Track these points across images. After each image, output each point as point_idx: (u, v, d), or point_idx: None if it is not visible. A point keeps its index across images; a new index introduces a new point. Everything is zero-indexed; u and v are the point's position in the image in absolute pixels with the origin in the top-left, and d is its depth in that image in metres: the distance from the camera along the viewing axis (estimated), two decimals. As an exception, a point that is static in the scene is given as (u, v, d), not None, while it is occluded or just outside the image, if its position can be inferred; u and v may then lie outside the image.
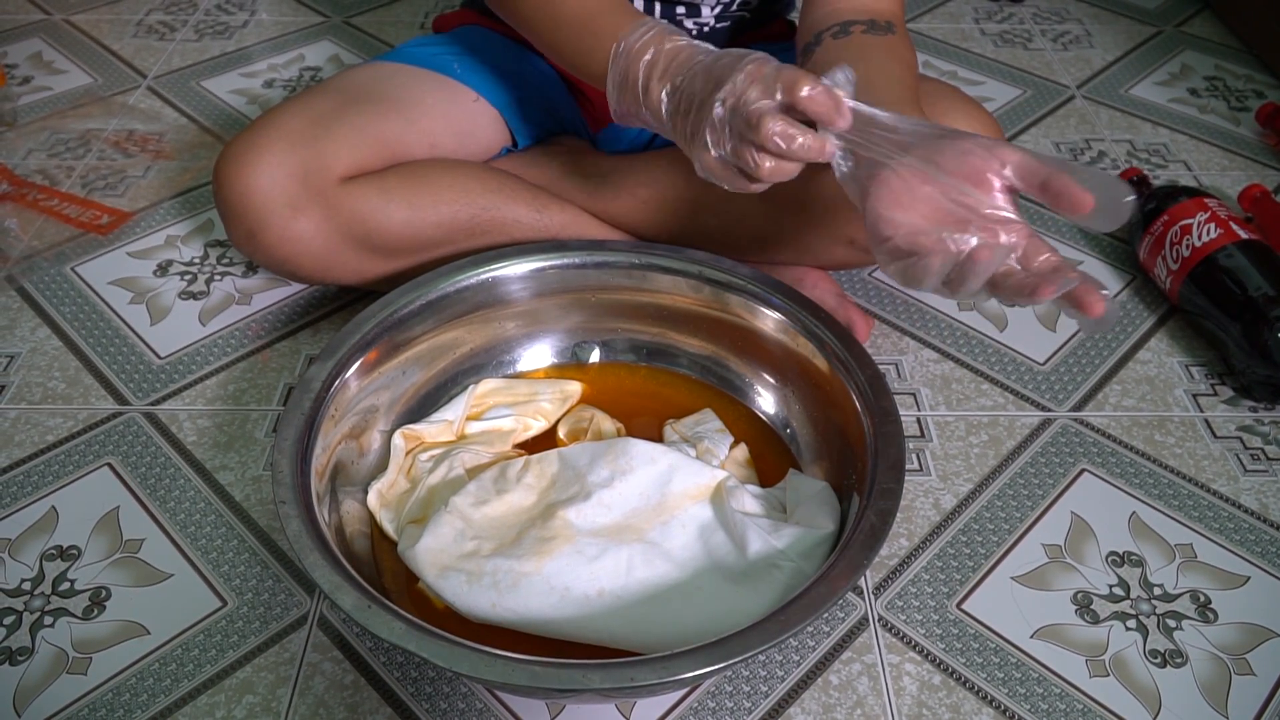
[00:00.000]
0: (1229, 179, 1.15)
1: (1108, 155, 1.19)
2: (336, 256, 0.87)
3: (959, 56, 1.39)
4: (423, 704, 0.67)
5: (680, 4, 0.89)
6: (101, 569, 0.75)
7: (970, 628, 0.71)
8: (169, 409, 0.88)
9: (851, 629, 0.71)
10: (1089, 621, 0.72)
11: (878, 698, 0.67)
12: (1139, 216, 0.99)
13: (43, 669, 0.68)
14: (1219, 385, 0.90)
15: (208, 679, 0.68)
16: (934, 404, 0.88)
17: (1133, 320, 0.97)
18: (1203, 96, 1.30)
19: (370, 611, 0.57)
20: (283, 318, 0.97)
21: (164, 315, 0.97)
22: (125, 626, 0.71)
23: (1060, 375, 0.91)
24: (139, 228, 1.08)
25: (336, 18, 1.49)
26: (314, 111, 0.86)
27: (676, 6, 0.89)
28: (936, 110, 0.82)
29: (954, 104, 0.83)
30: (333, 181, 0.84)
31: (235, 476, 0.82)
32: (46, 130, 1.23)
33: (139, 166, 1.17)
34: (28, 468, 0.82)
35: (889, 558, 0.76)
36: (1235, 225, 0.92)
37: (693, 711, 0.67)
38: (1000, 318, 0.97)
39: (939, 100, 0.83)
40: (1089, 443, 0.85)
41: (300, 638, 0.71)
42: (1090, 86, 1.33)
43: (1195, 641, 0.71)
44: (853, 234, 0.86)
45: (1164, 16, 1.49)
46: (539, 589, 0.65)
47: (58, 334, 0.95)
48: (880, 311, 0.97)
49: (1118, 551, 0.76)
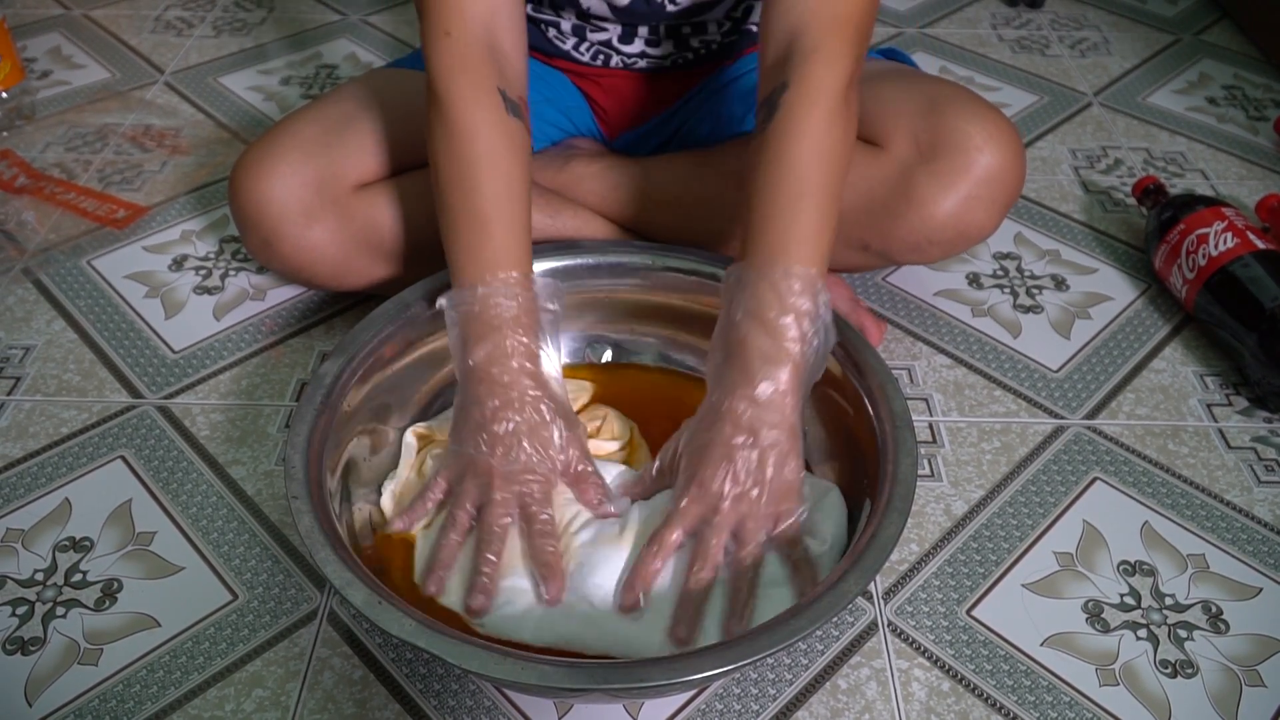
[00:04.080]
0: (1246, 188, 1.14)
1: (1124, 163, 1.19)
2: (351, 264, 0.87)
3: (976, 62, 1.39)
4: (431, 701, 0.67)
5: (687, 25, 0.89)
6: (113, 561, 0.75)
7: (980, 634, 0.71)
8: (182, 403, 0.88)
9: (861, 633, 0.71)
10: (1099, 630, 0.71)
11: (886, 703, 0.67)
12: (1155, 225, 0.99)
13: (54, 659, 0.69)
14: (1234, 395, 0.90)
15: (218, 672, 0.68)
16: (946, 409, 0.88)
17: (1147, 329, 0.96)
18: (1221, 105, 1.29)
19: (380, 608, 0.57)
20: (296, 314, 0.97)
21: (178, 310, 0.97)
22: (136, 618, 0.71)
23: (1074, 383, 0.91)
24: (154, 222, 1.08)
25: (354, 16, 1.50)
26: (328, 119, 0.87)
27: (683, 27, 0.89)
28: (951, 113, 0.82)
29: (970, 108, 0.83)
30: (347, 190, 0.85)
31: (247, 471, 0.82)
32: (64, 124, 1.23)
33: (155, 161, 1.17)
34: (42, 459, 0.83)
35: (899, 563, 0.76)
36: (1252, 235, 0.91)
37: (701, 713, 0.67)
38: (1014, 324, 0.96)
39: (954, 104, 0.83)
40: (1102, 451, 0.84)
41: (310, 633, 0.71)
42: (1107, 94, 1.32)
43: (1206, 652, 0.70)
44: (866, 239, 0.86)
45: (1182, 24, 1.48)
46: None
47: (73, 327, 0.95)
48: (894, 316, 0.97)
49: (1129, 561, 0.76)
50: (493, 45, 0.74)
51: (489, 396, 0.68)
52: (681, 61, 0.93)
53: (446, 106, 0.72)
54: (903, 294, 1.00)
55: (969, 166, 0.81)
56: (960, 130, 0.81)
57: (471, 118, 0.72)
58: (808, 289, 0.66)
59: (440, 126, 0.73)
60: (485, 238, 0.71)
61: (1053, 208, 1.12)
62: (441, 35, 0.73)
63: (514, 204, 0.72)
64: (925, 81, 0.88)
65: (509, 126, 0.73)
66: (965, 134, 0.81)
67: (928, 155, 0.82)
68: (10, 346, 0.93)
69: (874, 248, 0.87)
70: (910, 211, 0.83)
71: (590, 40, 0.91)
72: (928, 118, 0.82)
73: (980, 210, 0.83)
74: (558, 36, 0.92)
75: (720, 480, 0.65)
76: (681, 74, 0.95)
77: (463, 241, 0.71)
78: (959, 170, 0.81)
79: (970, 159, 0.81)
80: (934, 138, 0.82)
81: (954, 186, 0.82)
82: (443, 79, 0.73)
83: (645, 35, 0.90)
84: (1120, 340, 0.95)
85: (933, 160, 0.82)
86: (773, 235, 0.68)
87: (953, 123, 0.81)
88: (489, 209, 0.71)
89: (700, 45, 0.92)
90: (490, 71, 0.73)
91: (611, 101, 0.97)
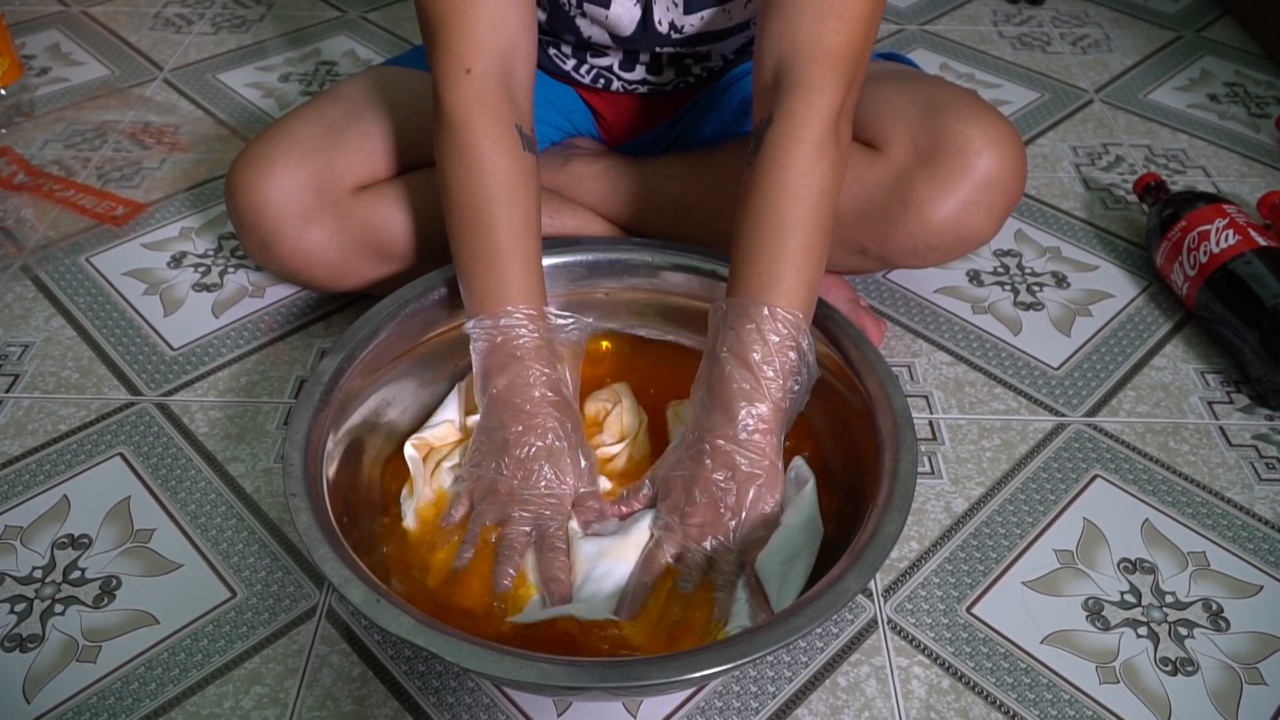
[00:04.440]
0: (1248, 186, 1.14)
1: (1125, 160, 1.18)
2: (349, 265, 0.87)
3: (977, 59, 1.39)
4: (430, 698, 0.67)
5: (689, 56, 0.89)
6: (112, 558, 0.75)
7: (980, 632, 0.71)
8: (181, 400, 0.88)
9: (860, 631, 0.71)
10: (1100, 628, 0.71)
11: (886, 700, 0.67)
12: (1156, 222, 0.98)
13: (53, 657, 0.69)
14: (1234, 393, 0.89)
15: (216, 669, 0.68)
16: (946, 407, 0.88)
17: (1148, 326, 0.96)
18: (1222, 102, 1.29)
19: (379, 605, 0.57)
20: (295, 311, 0.97)
21: (177, 307, 0.97)
22: (135, 616, 0.71)
23: (1074, 380, 0.90)
24: (153, 219, 1.08)
25: (353, 12, 1.50)
26: (327, 119, 0.86)
27: (685, 57, 0.89)
28: (950, 116, 0.81)
29: (969, 110, 0.81)
30: (345, 191, 0.84)
31: (246, 468, 0.82)
32: (63, 121, 1.23)
33: (154, 159, 1.17)
34: (40, 456, 0.83)
35: (899, 560, 0.76)
36: (1254, 232, 0.91)
37: (700, 711, 0.66)
38: (1015, 322, 0.96)
39: (954, 106, 0.82)
40: (1102, 448, 0.84)
41: (309, 630, 0.71)
42: (1109, 91, 1.32)
43: (1207, 650, 0.70)
44: (864, 243, 0.85)
45: (1184, 21, 1.48)
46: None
47: (71, 324, 0.95)
48: (894, 313, 0.97)
49: (1130, 558, 0.76)
50: (509, 79, 0.74)
51: (513, 422, 0.70)
52: (683, 85, 0.93)
53: (464, 140, 0.72)
54: (903, 291, 0.99)
55: (968, 170, 0.80)
56: (959, 133, 0.80)
57: (491, 154, 0.72)
58: (791, 331, 0.67)
59: (456, 159, 0.73)
60: (503, 272, 0.72)
61: (1053, 205, 1.12)
62: (461, 73, 0.72)
63: (529, 238, 0.73)
64: (925, 83, 0.87)
65: (525, 163, 0.74)
66: (965, 137, 0.80)
67: (926, 159, 0.81)
68: (9, 344, 0.93)
69: (871, 251, 0.86)
70: (908, 216, 0.82)
71: (591, 64, 0.91)
72: (926, 120, 0.81)
73: (979, 215, 0.82)
74: (559, 56, 0.92)
75: (700, 513, 0.67)
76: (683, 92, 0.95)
77: (480, 274, 0.73)
78: (958, 174, 0.80)
79: (969, 163, 0.80)
80: (933, 141, 0.80)
81: (953, 191, 0.81)
82: (460, 112, 0.73)
83: (646, 62, 0.90)
84: (1121, 337, 0.95)
85: (931, 164, 0.80)
86: (757, 274, 0.69)
87: (952, 125, 0.80)
88: (505, 244, 0.72)
89: (703, 71, 0.91)
90: (509, 108, 0.74)
91: (613, 112, 0.96)
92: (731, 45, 0.88)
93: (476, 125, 0.72)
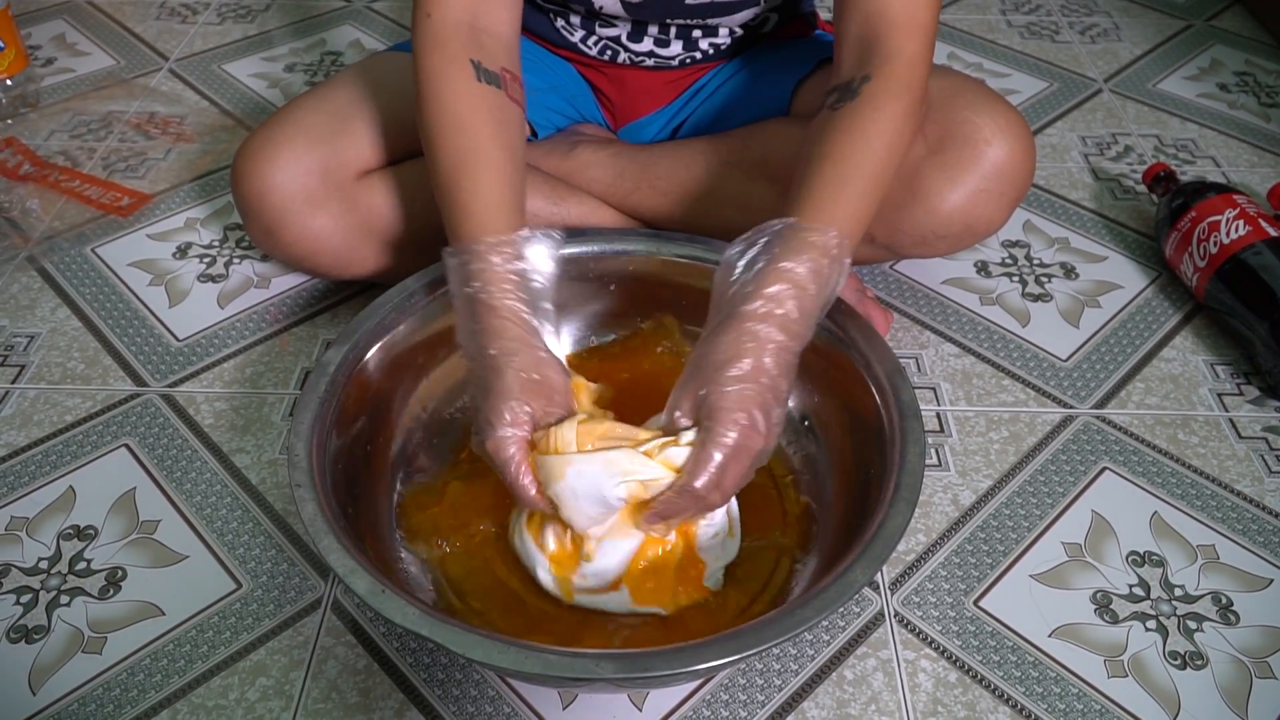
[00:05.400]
0: (1258, 176, 1.13)
1: (1134, 150, 1.18)
2: (355, 252, 0.87)
3: (985, 48, 1.38)
4: (435, 690, 0.67)
5: (698, 27, 0.88)
6: (118, 549, 0.75)
7: (987, 625, 0.71)
8: (186, 391, 0.88)
9: (867, 624, 0.71)
10: (1108, 621, 0.71)
11: (892, 693, 0.67)
12: (1166, 212, 0.98)
13: (58, 648, 0.69)
14: (1245, 385, 0.89)
15: (221, 661, 0.68)
16: (954, 399, 0.88)
17: (1157, 318, 0.96)
18: (1232, 92, 1.28)
19: (384, 596, 0.57)
20: (300, 302, 0.97)
21: (182, 298, 0.97)
22: (141, 607, 0.71)
23: (1083, 372, 0.90)
24: (159, 210, 1.08)
25: (358, 2, 1.49)
26: (331, 106, 0.86)
27: (694, 29, 0.89)
28: (959, 105, 0.80)
29: (979, 100, 0.81)
30: (350, 177, 0.84)
31: (251, 459, 0.82)
32: (69, 112, 1.23)
33: (160, 149, 1.17)
34: (46, 447, 0.83)
35: (906, 553, 0.75)
36: (1264, 222, 0.91)
37: (706, 703, 0.66)
38: (1023, 313, 0.96)
39: (963, 95, 0.81)
40: (1111, 441, 0.84)
41: (314, 621, 0.71)
42: (1118, 80, 1.31)
43: (1216, 644, 0.70)
44: (872, 232, 0.85)
45: (1194, 10, 1.47)
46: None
47: (77, 314, 0.95)
48: (901, 305, 0.96)
49: (1139, 551, 0.75)
50: (474, 25, 0.75)
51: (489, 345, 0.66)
52: (689, 61, 0.92)
53: (420, 81, 0.74)
54: (910, 282, 0.99)
55: (977, 159, 0.80)
56: (969, 122, 0.80)
57: (439, 89, 0.73)
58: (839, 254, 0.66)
59: (417, 101, 0.74)
60: (451, 206, 0.71)
61: (1062, 195, 1.11)
62: (423, 17, 0.74)
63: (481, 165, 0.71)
64: (934, 72, 0.86)
65: (476, 91, 0.73)
66: (974, 126, 0.80)
67: (935, 147, 0.80)
68: (14, 334, 0.93)
69: (879, 240, 0.86)
70: (916, 204, 0.81)
71: (599, 35, 0.91)
72: (936, 109, 0.81)
73: (989, 204, 0.81)
74: (566, 28, 0.92)
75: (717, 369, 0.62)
76: (688, 71, 0.94)
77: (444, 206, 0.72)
78: (967, 163, 0.80)
79: (979, 151, 0.80)
80: (942, 129, 0.80)
81: (961, 179, 0.80)
82: (418, 56, 0.74)
83: (654, 34, 0.89)
84: (1130, 329, 0.94)
85: (940, 152, 0.80)
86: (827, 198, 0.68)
87: (961, 114, 0.80)
88: (448, 177, 0.71)
89: (710, 48, 0.91)
90: (464, 46, 0.74)
91: (617, 92, 0.96)
92: (739, 19, 0.87)
93: (428, 64, 0.73)
